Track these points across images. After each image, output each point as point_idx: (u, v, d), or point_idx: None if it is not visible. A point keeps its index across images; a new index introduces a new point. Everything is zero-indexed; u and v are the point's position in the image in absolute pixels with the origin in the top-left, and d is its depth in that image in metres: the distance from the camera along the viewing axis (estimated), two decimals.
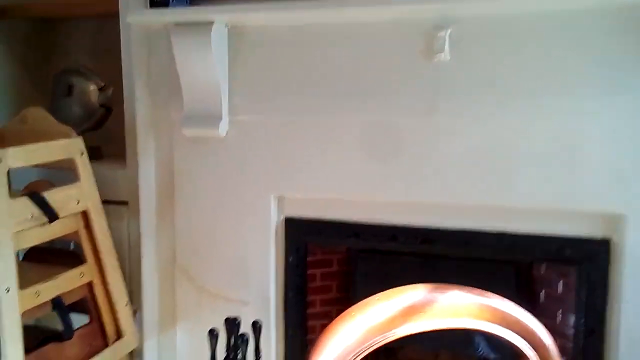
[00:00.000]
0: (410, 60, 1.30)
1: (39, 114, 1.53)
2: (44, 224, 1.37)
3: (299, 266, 1.48)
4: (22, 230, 1.31)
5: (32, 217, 1.33)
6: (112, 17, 1.64)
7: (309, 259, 1.50)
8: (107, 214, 1.56)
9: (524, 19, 1.21)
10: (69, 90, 1.81)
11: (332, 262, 1.55)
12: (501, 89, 1.24)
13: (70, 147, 1.46)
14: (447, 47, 1.25)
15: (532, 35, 1.21)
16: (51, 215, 1.38)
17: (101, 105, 1.80)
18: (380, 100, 1.34)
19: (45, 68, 1.99)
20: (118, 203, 1.69)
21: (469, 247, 1.31)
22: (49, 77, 1.99)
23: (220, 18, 1.38)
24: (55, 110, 1.82)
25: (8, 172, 1.27)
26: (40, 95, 1.98)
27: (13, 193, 1.32)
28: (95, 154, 1.85)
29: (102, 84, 1.81)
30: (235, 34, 1.44)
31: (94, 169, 1.52)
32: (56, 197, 1.39)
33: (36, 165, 1.42)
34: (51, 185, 1.54)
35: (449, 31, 1.24)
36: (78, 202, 1.46)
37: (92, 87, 1.81)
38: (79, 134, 1.83)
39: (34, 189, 1.38)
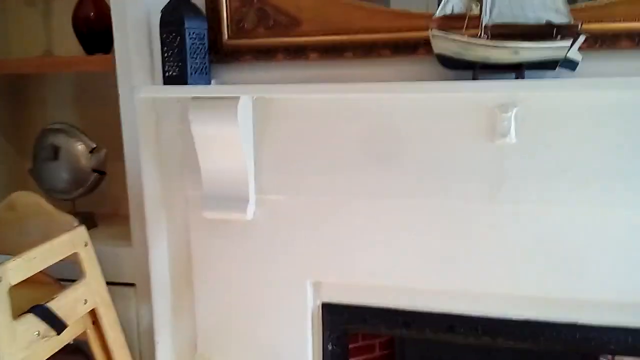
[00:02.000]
0: (470, 141, 1.16)
1: (29, 199, 1.32)
2: (51, 337, 1.18)
3: (339, 356, 1.35)
4: (29, 353, 1.12)
5: (39, 334, 1.14)
6: None
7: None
8: (112, 298, 1.37)
9: (601, 100, 1.09)
10: (55, 153, 1.58)
11: (375, 348, 1.42)
12: (573, 175, 1.12)
13: (73, 240, 1.26)
14: (512, 128, 1.12)
15: (611, 116, 1.09)
16: (59, 326, 1.19)
17: (94, 170, 1.59)
18: (432, 182, 1.20)
19: (22, 124, 1.75)
20: (123, 284, 1.50)
21: (535, 339, 1.20)
22: (27, 134, 1.75)
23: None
24: (40, 177, 1.60)
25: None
26: (20, 156, 1.74)
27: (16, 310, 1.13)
28: (88, 222, 1.65)
29: (93, 146, 1.60)
30: (262, 106, 1.27)
31: (94, 249, 1.33)
32: (62, 304, 1.20)
33: None
34: (53, 281, 1.35)
35: (514, 111, 1.11)
36: (85, 302, 1.27)
37: (81, 148, 1.59)
38: (70, 201, 1.63)
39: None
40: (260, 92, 1.18)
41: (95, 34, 1.53)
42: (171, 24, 1.19)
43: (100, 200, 1.73)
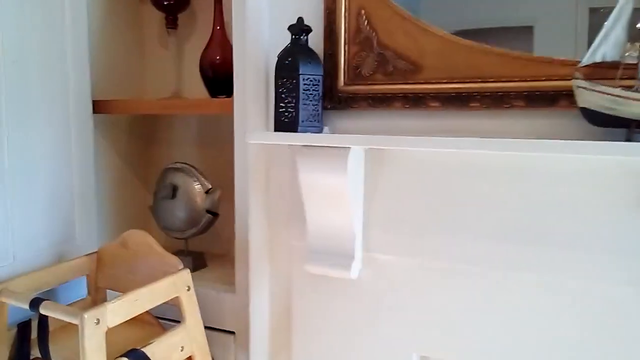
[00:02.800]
0: (616, 213, 0.97)
1: (140, 239, 1.33)
2: None
3: None
4: None
5: None
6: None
7: None
8: (210, 343, 1.33)
9: None
10: (173, 192, 1.61)
11: None
12: None
13: (176, 283, 1.24)
14: None
15: None
16: None
17: (207, 211, 1.59)
18: (567, 259, 1.02)
19: (146, 160, 1.83)
20: (223, 331, 1.46)
21: None
22: (151, 169, 1.82)
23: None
24: (158, 214, 1.64)
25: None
26: (143, 189, 1.81)
27: (111, 348, 1.12)
28: (198, 262, 1.66)
29: (209, 186, 1.60)
30: (375, 156, 1.18)
31: (198, 291, 1.30)
32: (159, 349, 1.18)
33: None
34: (155, 321, 1.34)
35: None
36: (182, 349, 1.24)
37: (198, 189, 1.61)
38: (184, 240, 1.65)
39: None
40: (375, 144, 1.08)
41: (220, 77, 1.55)
42: (286, 69, 1.15)
43: (212, 241, 1.74)
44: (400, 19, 1.13)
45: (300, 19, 1.16)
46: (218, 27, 1.56)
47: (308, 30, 1.16)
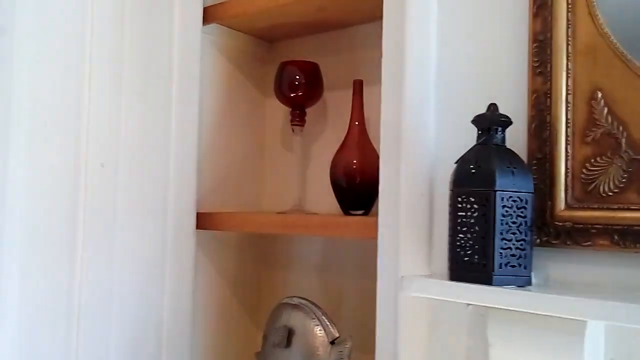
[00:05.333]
0: None
1: None
2: None
3: None
4: None
5: None
6: None
7: None
8: None
9: None
10: (289, 338, 1.20)
11: None
12: None
13: None
14: None
15: None
16: None
17: None
18: None
19: (258, 288, 1.45)
20: None
21: None
22: (263, 301, 1.43)
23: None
24: None
25: None
26: (251, 326, 1.42)
27: None
28: None
29: (336, 335, 1.17)
30: (624, 335, 0.69)
31: None
32: None
33: None
34: None
35: None
36: None
37: (321, 336, 1.18)
38: None
39: None
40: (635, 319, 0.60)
41: (357, 187, 1.17)
42: (470, 181, 0.72)
43: None
44: None
45: (493, 106, 0.75)
46: (357, 123, 1.20)
47: (506, 122, 0.74)
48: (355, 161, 1.18)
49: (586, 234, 0.72)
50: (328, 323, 1.19)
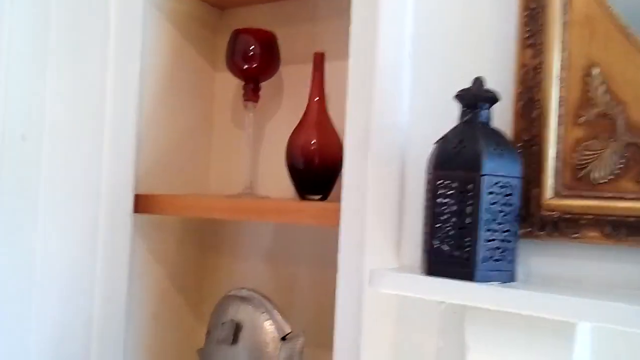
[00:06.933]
0: None
1: None
2: None
3: None
4: None
5: None
6: None
7: None
8: None
9: None
10: (235, 333, 1.09)
11: None
12: None
13: None
14: None
15: None
16: None
17: None
18: None
19: (202, 278, 1.33)
20: None
21: None
22: (210, 293, 1.32)
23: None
24: None
25: None
26: (193, 319, 1.30)
27: None
28: None
29: (287, 330, 1.08)
30: (609, 336, 0.62)
31: None
32: None
33: None
34: None
35: None
36: None
37: (271, 332, 1.08)
38: None
39: None
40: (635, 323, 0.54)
41: (315, 169, 1.07)
42: (453, 163, 0.64)
43: None
44: None
45: (479, 80, 0.66)
46: (317, 99, 1.09)
47: (493, 98, 0.66)
48: (314, 141, 1.07)
49: (575, 225, 0.65)
50: (279, 317, 1.09)
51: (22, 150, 0.93)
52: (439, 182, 0.65)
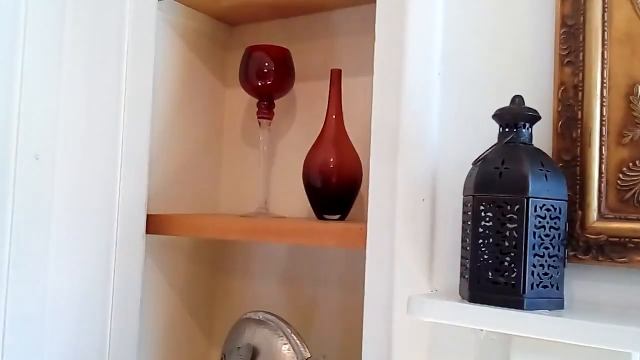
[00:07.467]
0: None
1: None
2: None
3: None
4: None
5: None
6: None
7: None
8: None
9: None
10: (252, 357, 1.06)
11: None
12: None
13: None
14: None
15: None
16: None
17: None
18: None
19: (215, 301, 1.30)
20: None
21: None
22: (224, 316, 1.28)
23: None
24: None
25: None
26: (206, 343, 1.26)
27: None
28: None
29: (307, 355, 1.04)
30: None
31: None
32: None
33: None
34: None
35: None
36: None
37: (289, 356, 1.05)
38: None
39: None
40: None
41: (334, 189, 1.05)
42: (498, 185, 0.62)
43: None
44: None
45: (519, 98, 0.64)
46: (334, 117, 1.07)
47: (534, 117, 0.64)
48: (332, 159, 1.05)
49: (622, 248, 0.63)
50: (297, 341, 1.06)
51: (35, 170, 0.90)
52: (481, 204, 0.63)
